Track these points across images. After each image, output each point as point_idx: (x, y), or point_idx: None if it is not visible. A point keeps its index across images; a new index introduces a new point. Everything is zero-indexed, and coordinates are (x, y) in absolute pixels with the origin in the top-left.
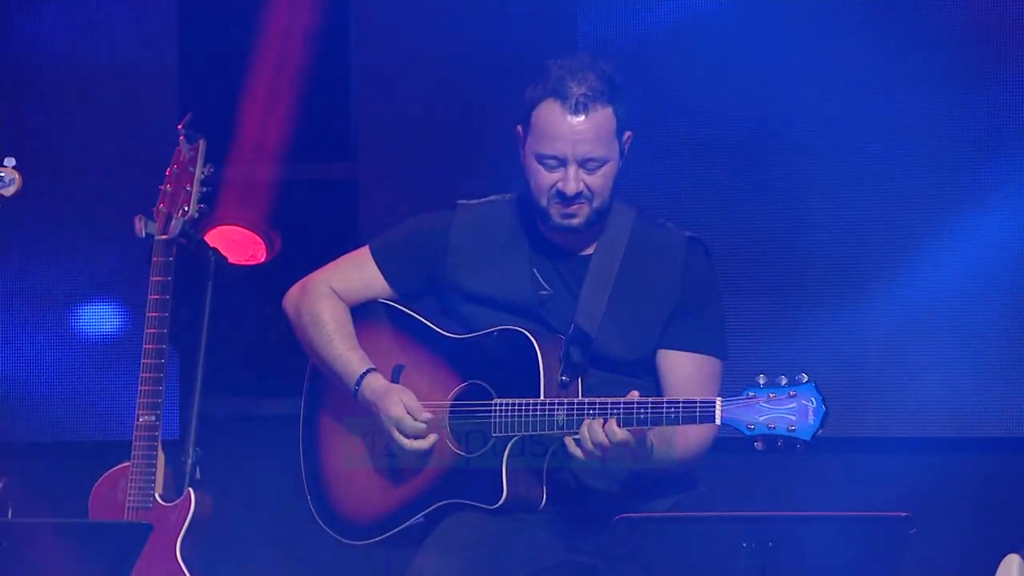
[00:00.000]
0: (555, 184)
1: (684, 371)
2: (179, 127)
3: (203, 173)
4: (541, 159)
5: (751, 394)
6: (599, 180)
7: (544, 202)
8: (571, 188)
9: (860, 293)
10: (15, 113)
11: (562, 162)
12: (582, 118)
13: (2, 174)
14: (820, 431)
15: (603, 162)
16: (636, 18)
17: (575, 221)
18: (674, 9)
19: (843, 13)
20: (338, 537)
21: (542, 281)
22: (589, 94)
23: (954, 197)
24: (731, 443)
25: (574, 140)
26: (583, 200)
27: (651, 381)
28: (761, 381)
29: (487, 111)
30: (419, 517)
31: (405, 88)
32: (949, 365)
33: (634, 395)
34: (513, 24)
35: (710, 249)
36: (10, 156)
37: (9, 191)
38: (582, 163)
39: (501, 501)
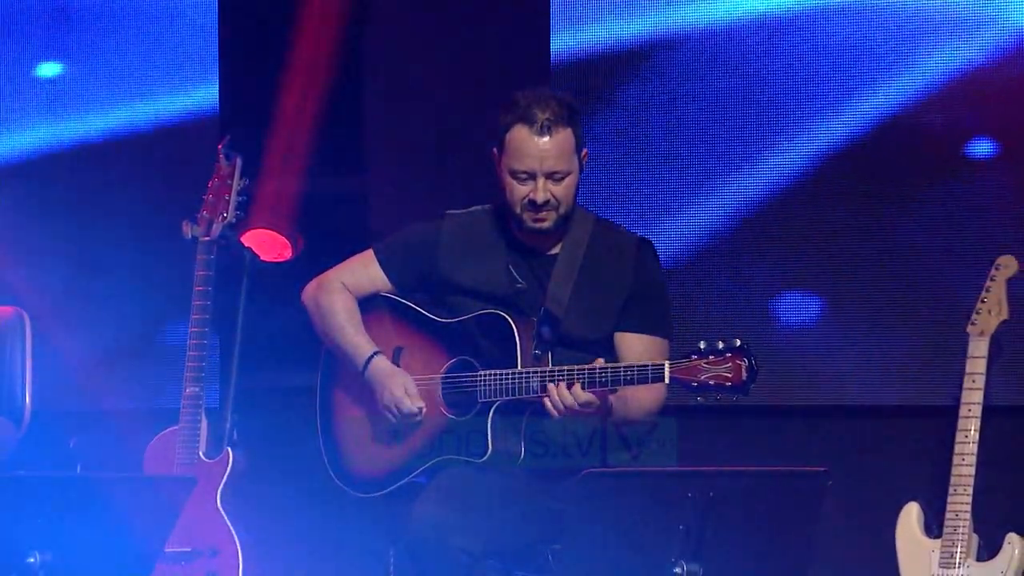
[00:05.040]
0: (527, 195)
1: (637, 350)
2: (219, 147)
3: (239, 185)
4: (515, 174)
5: (693, 357)
6: (563, 190)
7: (518, 210)
8: (540, 197)
9: (787, 281)
10: (80, 139)
11: (532, 176)
12: (547, 138)
13: None
14: (752, 385)
15: (566, 174)
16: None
17: (545, 224)
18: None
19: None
20: (349, 490)
21: (516, 276)
22: (552, 118)
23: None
24: (678, 408)
25: (541, 157)
26: (551, 207)
27: (610, 359)
28: (702, 346)
29: (482, 133)
30: (419, 475)
31: (410, 112)
32: (860, 343)
33: (599, 361)
34: (512, 52)
35: (656, 249)
36: None
37: None
38: (549, 175)
39: (487, 456)
